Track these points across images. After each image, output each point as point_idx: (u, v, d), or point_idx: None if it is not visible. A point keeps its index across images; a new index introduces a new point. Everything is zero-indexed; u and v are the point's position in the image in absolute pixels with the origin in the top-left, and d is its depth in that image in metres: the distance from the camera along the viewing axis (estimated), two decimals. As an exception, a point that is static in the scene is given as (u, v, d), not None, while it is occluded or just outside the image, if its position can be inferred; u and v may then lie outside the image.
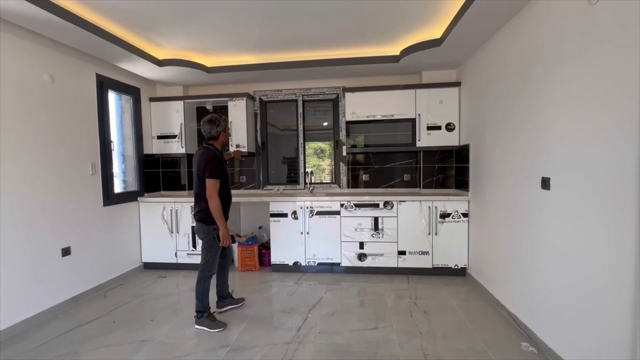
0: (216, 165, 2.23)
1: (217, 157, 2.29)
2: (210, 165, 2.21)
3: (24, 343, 2.18)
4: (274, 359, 1.94)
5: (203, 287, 2.33)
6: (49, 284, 2.57)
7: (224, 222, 2.28)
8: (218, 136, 2.36)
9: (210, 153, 2.28)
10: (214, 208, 2.22)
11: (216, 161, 2.25)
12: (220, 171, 2.26)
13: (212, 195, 2.21)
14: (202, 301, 2.33)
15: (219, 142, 2.39)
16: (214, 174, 2.21)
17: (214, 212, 2.23)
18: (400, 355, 1.95)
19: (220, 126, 2.34)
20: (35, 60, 2.48)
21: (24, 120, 2.39)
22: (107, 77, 3.19)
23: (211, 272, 2.37)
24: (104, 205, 3.14)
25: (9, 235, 2.27)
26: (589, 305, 1.58)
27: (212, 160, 2.23)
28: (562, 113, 1.77)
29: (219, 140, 2.39)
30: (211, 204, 2.22)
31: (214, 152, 2.32)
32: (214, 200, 2.21)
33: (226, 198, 2.39)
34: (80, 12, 2.36)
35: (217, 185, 2.24)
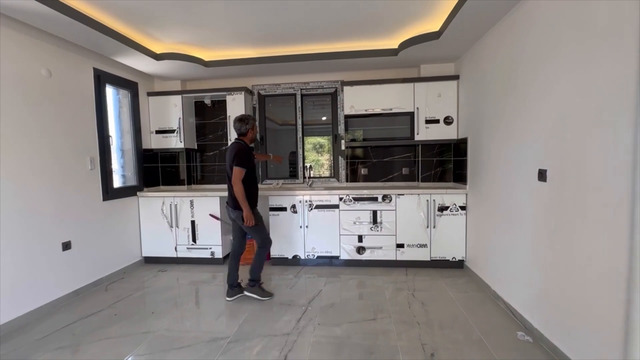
0: (243, 157, 2.52)
1: (245, 150, 2.57)
2: (238, 156, 2.50)
3: (26, 335, 2.21)
4: (273, 350, 1.97)
5: (260, 261, 2.70)
6: (50, 277, 2.59)
7: (247, 205, 2.53)
8: (247, 133, 2.65)
9: (239, 146, 2.57)
10: (237, 192, 2.48)
11: (243, 153, 2.53)
12: (246, 162, 2.53)
13: (236, 181, 2.48)
14: (258, 272, 2.70)
15: (248, 138, 2.67)
16: (240, 163, 2.49)
17: (237, 196, 2.49)
18: (398, 346, 1.99)
19: (249, 124, 2.64)
20: (31, 54, 2.47)
21: (21, 115, 2.39)
22: (104, 72, 3.18)
23: (269, 243, 2.76)
24: (104, 200, 3.15)
25: (9, 230, 2.29)
26: (584, 296, 1.61)
27: (240, 151, 2.53)
28: (557, 104, 1.78)
29: (248, 137, 2.66)
30: (235, 189, 2.49)
31: (243, 145, 2.60)
32: (237, 186, 2.48)
33: (253, 187, 2.66)
34: (77, 5, 2.35)
35: (242, 173, 2.50)
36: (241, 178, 2.49)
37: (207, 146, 4.14)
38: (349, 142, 3.69)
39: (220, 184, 4.12)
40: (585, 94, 1.58)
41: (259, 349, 1.99)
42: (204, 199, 3.54)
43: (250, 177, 2.61)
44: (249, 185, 2.58)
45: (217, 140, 4.10)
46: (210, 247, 3.58)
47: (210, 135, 4.12)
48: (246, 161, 2.53)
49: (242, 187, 2.49)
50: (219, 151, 4.11)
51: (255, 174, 2.72)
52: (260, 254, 2.71)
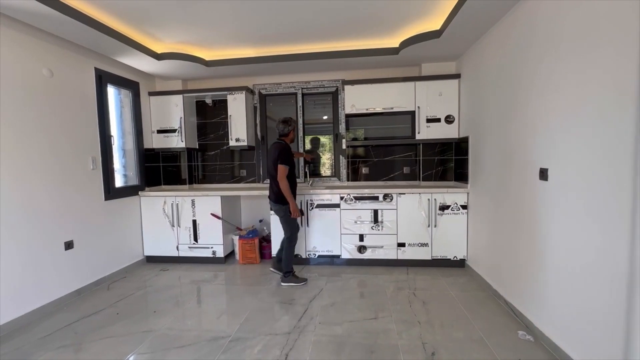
0: (287, 155, 2.78)
1: (287, 149, 2.84)
2: (282, 155, 2.76)
3: (29, 334, 2.22)
4: (274, 349, 1.97)
5: (289, 253, 2.94)
6: (53, 276, 2.61)
7: (293, 199, 2.81)
8: (288, 134, 2.91)
9: (282, 145, 2.83)
10: (284, 188, 2.74)
11: (286, 152, 2.80)
12: (289, 160, 2.78)
13: (282, 178, 2.74)
14: (289, 264, 2.94)
15: (289, 139, 2.93)
16: (284, 161, 2.74)
17: (284, 191, 2.75)
18: (399, 345, 1.99)
19: (290, 126, 2.91)
20: (33, 55, 2.49)
21: (23, 115, 2.40)
22: (106, 71, 3.19)
23: (295, 240, 2.97)
24: (106, 199, 3.16)
25: (12, 229, 2.30)
26: (586, 295, 1.60)
27: (283, 150, 2.78)
28: (558, 102, 1.77)
29: (289, 137, 2.93)
30: (281, 185, 2.74)
31: (285, 145, 2.86)
32: (283, 182, 2.74)
33: (293, 182, 2.89)
34: (78, 5, 2.35)
35: (287, 170, 2.75)
36: (286, 175, 2.74)
37: (208, 146, 4.14)
38: (349, 141, 3.68)
39: (221, 183, 4.13)
40: (587, 91, 1.57)
41: (260, 347, 1.99)
42: (206, 198, 3.55)
43: (291, 173, 2.86)
44: (291, 180, 2.84)
45: (218, 139, 4.11)
46: (212, 247, 3.59)
47: (212, 135, 4.12)
48: (289, 159, 2.78)
49: (287, 183, 2.75)
50: (220, 150, 4.12)
51: (295, 171, 2.98)
52: (289, 248, 2.94)
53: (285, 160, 2.75)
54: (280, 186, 2.75)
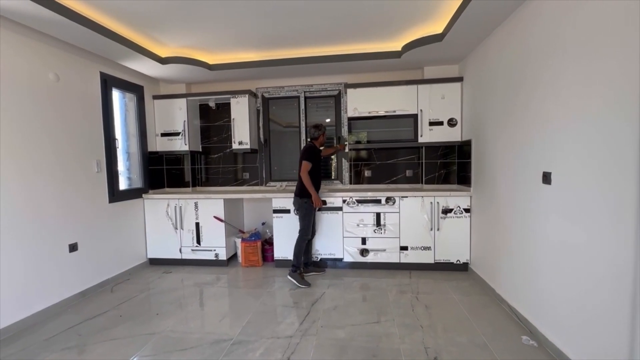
0: (310, 153, 3.05)
1: (313, 149, 3.11)
2: (306, 153, 3.04)
3: (34, 336, 2.24)
4: (276, 352, 1.98)
5: (299, 247, 3.08)
6: (58, 278, 2.63)
7: (314, 190, 3.04)
8: (318, 137, 3.15)
9: (309, 146, 3.12)
10: (305, 180, 2.99)
11: (311, 151, 3.07)
12: (312, 157, 3.04)
13: (303, 172, 3.00)
14: (298, 258, 3.08)
15: (318, 142, 3.17)
16: (306, 158, 3.02)
17: (305, 183, 2.99)
18: (401, 349, 1.98)
19: (320, 131, 3.15)
20: (39, 59, 2.52)
21: (30, 119, 2.44)
22: (110, 76, 3.23)
23: (307, 236, 3.11)
24: (110, 202, 3.19)
25: (17, 231, 2.33)
26: (589, 300, 1.59)
27: (308, 149, 3.07)
28: (561, 106, 1.77)
29: (319, 140, 3.17)
30: (303, 177, 3.00)
31: (313, 146, 3.13)
32: (304, 175, 3.00)
33: (317, 178, 3.15)
34: (84, 10, 2.39)
35: (309, 166, 3.01)
36: (307, 170, 2.99)
37: (212, 148, 4.17)
38: (352, 145, 3.69)
39: (224, 186, 4.15)
40: (591, 94, 1.57)
41: (262, 350, 2.00)
42: (209, 201, 3.57)
43: (316, 172, 3.12)
44: (315, 178, 3.09)
45: (221, 142, 4.14)
46: (215, 249, 3.61)
47: (215, 138, 4.15)
48: (312, 157, 3.04)
49: (308, 177, 2.99)
50: (224, 154, 4.15)
51: (320, 169, 3.25)
52: (300, 242, 3.08)
53: (308, 157, 3.01)
54: (303, 179, 3.00)
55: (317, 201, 3.05)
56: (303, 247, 3.10)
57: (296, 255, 3.08)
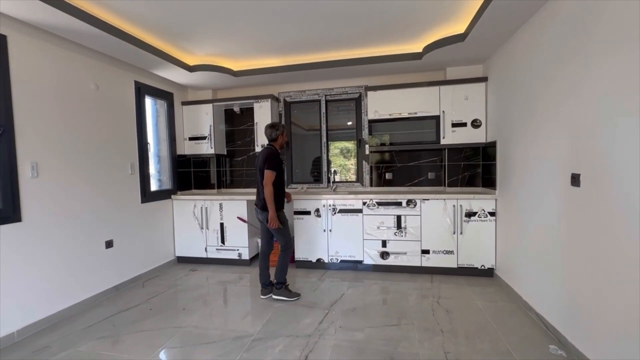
0: (274, 161, 2.66)
1: (275, 154, 2.73)
2: (269, 160, 2.64)
3: (74, 325, 2.43)
4: (295, 350, 2.02)
5: (283, 263, 2.79)
6: (95, 273, 2.84)
7: (274, 207, 2.64)
8: (277, 138, 2.80)
9: (270, 150, 2.72)
10: (267, 194, 2.61)
11: (274, 157, 2.68)
12: (276, 165, 2.67)
13: (267, 183, 2.61)
14: (283, 274, 2.78)
15: (278, 144, 2.82)
16: (271, 166, 2.63)
17: (266, 197, 2.61)
18: (420, 353, 1.96)
19: (278, 130, 2.78)
20: (83, 71, 2.75)
21: (73, 124, 2.66)
22: (144, 84, 3.45)
23: (290, 248, 2.85)
24: (142, 202, 3.40)
25: (61, 228, 2.54)
26: (623, 308, 1.50)
27: (270, 156, 2.67)
28: (590, 103, 1.69)
29: (278, 142, 2.81)
30: (265, 190, 2.62)
31: (274, 150, 2.75)
32: (268, 188, 2.61)
33: (280, 190, 2.79)
34: (122, 25, 2.59)
35: (273, 176, 2.64)
36: (272, 180, 2.62)
37: (236, 152, 4.32)
38: (372, 147, 3.69)
39: (247, 188, 4.28)
40: (620, 92, 1.49)
41: (281, 348, 2.05)
42: (233, 202, 3.70)
43: (279, 180, 2.74)
44: (277, 188, 2.71)
45: (245, 146, 4.27)
46: (238, 249, 3.73)
47: (239, 142, 4.30)
48: (276, 165, 2.67)
49: (272, 190, 2.62)
50: (247, 157, 4.28)
51: (284, 178, 2.88)
52: (284, 257, 2.80)
53: (272, 166, 2.63)
54: (264, 191, 2.61)
55: (273, 221, 2.61)
56: (287, 262, 2.81)
57: (280, 271, 2.77)
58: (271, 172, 2.62)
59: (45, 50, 2.45)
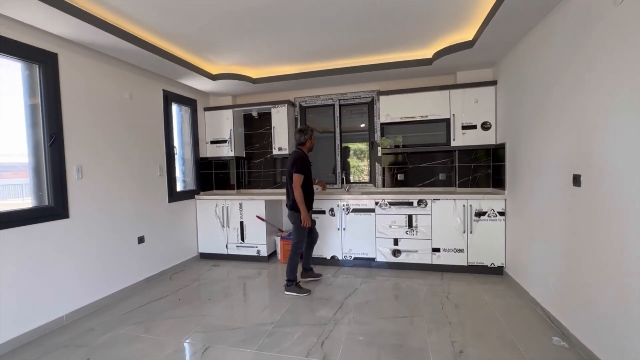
0: (302, 164, 2.86)
1: (303, 158, 2.92)
2: (297, 164, 2.84)
3: (114, 311, 2.70)
4: (311, 337, 2.20)
5: (293, 261, 2.95)
6: (129, 265, 3.11)
7: (305, 207, 2.86)
8: (305, 142, 2.98)
9: (298, 154, 2.92)
10: (297, 196, 2.82)
11: (302, 161, 2.88)
12: (304, 169, 2.86)
13: (296, 186, 2.82)
14: (292, 272, 2.94)
15: (306, 147, 3.01)
16: (298, 170, 2.82)
17: (297, 199, 2.82)
18: (428, 341, 2.10)
19: (307, 135, 2.98)
20: (119, 83, 3.04)
21: (111, 131, 2.94)
22: (171, 92, 3.73)
23: (300, 249, 3.01)
24: (169, 201, 3.67)
25: (100, 224, 2.82)
26: (623, 302, 1.61)
27: (298, 159, 2.87)
28: (592, 110, 1.80)
29: (306, 146, 3.00)
30: (295, 193, 2.83)
31: (302, 154, 2.94)
32: (297, 190, 2.82)
33: (309, 191, 2.97)
34: (155, 40, 2.85)
35: (301, 179, 2.83)
36: (300, 183, 2.82)
37: (254, 154, 4.55)
38: (385, 149, 3.83)
39: (265, 189, 4.51)
40: (613, 98, 1.61)
41: (299, 334, 2.23)
42: (251, 202, 3.92)
43: (308, 183, 2.93)
44: (307, 191, 2.92)
45: (263, 148, 4.50)
46: (257, 246, 3.95)
47: (257, 145, 4.53)
48: (304, 168, 2.86)
49: (301, 192, 2.82)
50: (265, 159, 4.51)
51: (311, 180, 3.05)
52: (293, 256, 2.96)
53: (299, 169, 2.81)
54: (295, 194, 2.82)
55: (306, 220, 2.84)
56: (297, 261, 2.96)
57: (291, 269, 2.93)
58: (299, 176, 2.82)
59: (88, 65, 2.74)
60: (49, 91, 2.43)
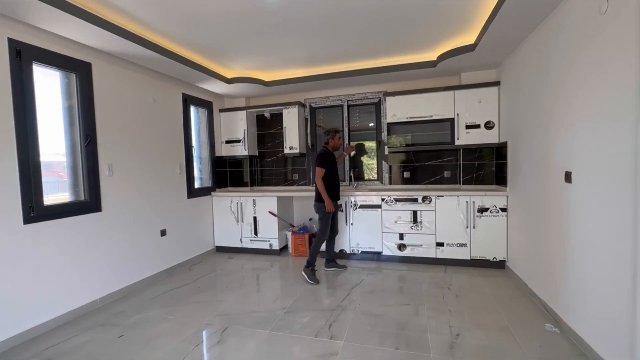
0: (324, 159, 3.26)
1: (327, 154, 3.32)
2: (318, 159, 3.25)
3: (141, 296, 2.97)
4: (320, 320, 2.40)
5: (316, 247, 3.30)
6: (154, 256, 3.39)
7: (327, 195, 3.22)
8: (328, 142, 3.38)
9: (322, 151, 3.33)
10: (319, 186, 3.20)
11: (324, 156, 3.28)
12: (325, 163, 3.24)
13: (317, 178, 3.21)
14: (313, 257, 3.28)
15: (330, 146, 3.38)
16: (320, 164, 3.23)
17: (320, 188, 3.20)
18: (427, 325, 2.28)
19: (329, 135, 3.37)
20: (144, 88, 3.30)
21: (137, 132, 3.21)
22: (189, 95, 3.99)
23: (325, 237, 3.33)
24: (188, 197, 3.93)
25: (128, 218, 3.10)
26: (607, 290, 1.75)
27: (321, 155, 3.28)
28: (580, 110, 1.94)
29: (330, 145, 3.38)
30: (317, 183, 3.21)
31: (325, 150, 3.34)
32: (319, 181, 3.21)
33: (334, 183, 3.35)
34: (176, 49, 3.10)
35: (322, 172, 3.21)
36: (321, 176, 3.20)
37: (266, 153, 4.78)
38: (392, 148, 3.99)
39: (277, 186, 4.73)
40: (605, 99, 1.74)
41: (309, 318, 2.44)
42: (264, 198, 4.15)
43: (332, 176, 3.32)
44: (331, 182, 3.30)
45: (274, 148, 4.73)
46: (269, 240, 4.18)
47: (269, 144, 4.76)
48: (326, 163, 3.24)
49: (322, 183, 3.20)
50: (276, 157, 4.73)
51: (337, 174, 3.43)
52: (318, 243, 3.29)
53: (321, 163, 3.22)
54: (317, 185, 3.21)
55: (329, 206, 3.21)
56: (319, 247, 3.30)
57: (312, 253, 3.27)
58: (320, 169, 3.21)
59: (117, 72, 3.01)
60: (84, 97, 2.71)
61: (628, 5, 1.53)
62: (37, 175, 2.35)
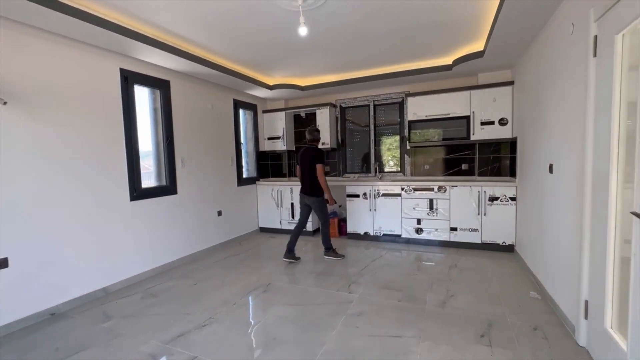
0: (322, 157, 3.59)
1: (322, 151, 3.64)
2: (318, 157, 3.55)
3: (206, 260, 3.84)
4: (343, 281, 3.03)
5: (326, 233, 3.75)
6: (213, 231, 4.25)
7: (329, 190, 3.62)
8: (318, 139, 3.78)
9: (315, 148, 3.67)
10: (322, 182, 3.53)
11: (321, 153, 3.61)
12: (324, 159, 3.59)
13: (321, 174, 3.52)
14: (328, 241, 3.75)
15: (319, 143, 3.80)
16: (321, 161, 3.55)
17: (323, 185, 3.53)
18: (428, 289, 2.80)
19: (318, 133, 3.79)
20: (205, 97, 4.13)
21: (200, 133, 4.05)
22: (239, 100, 4.78)
23: (328, 222, 3.75)
24: (238, 185, 4.76)
25: (195, 200, 3.96)
26: (567, 260, 2.17)
27: (318, 152, 3.60)
28: (557, 112, 2.32)
29: (318, 142, 3.79)
30: (321, 180, 3.52)
31: (318, 148, 3.67)
32: (322, 178, 3.52)
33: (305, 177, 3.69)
34: (228, 64, 3.86)
35: (324, 168, 3.55)
36: (324, 172, 3.58)
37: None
38: (413, 143, 4.45)
39: (311, 177, 5.41)
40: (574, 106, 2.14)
41: (334, 279, 3.09)
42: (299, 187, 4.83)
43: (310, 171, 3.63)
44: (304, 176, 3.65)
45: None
46: (304, 223, 4.87)
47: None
48: (324, 159, 3.62)
49: (325, 179, 3.59)
50: (311, 152, 5.41)
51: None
52: (325, 229, 3.74)
53: (322, 161, 3.53)
54: (320, 181, 3.48)
55: (332, 200, 3.62)
56: (329, 232, 3.74)
57: (325, 240, 3.71)
58: (323, 165, 3.55)
59: (187, 86, 3.85)
60: (166, 107, 3.57)
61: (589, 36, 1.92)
62: (137, 164, 3.24)
